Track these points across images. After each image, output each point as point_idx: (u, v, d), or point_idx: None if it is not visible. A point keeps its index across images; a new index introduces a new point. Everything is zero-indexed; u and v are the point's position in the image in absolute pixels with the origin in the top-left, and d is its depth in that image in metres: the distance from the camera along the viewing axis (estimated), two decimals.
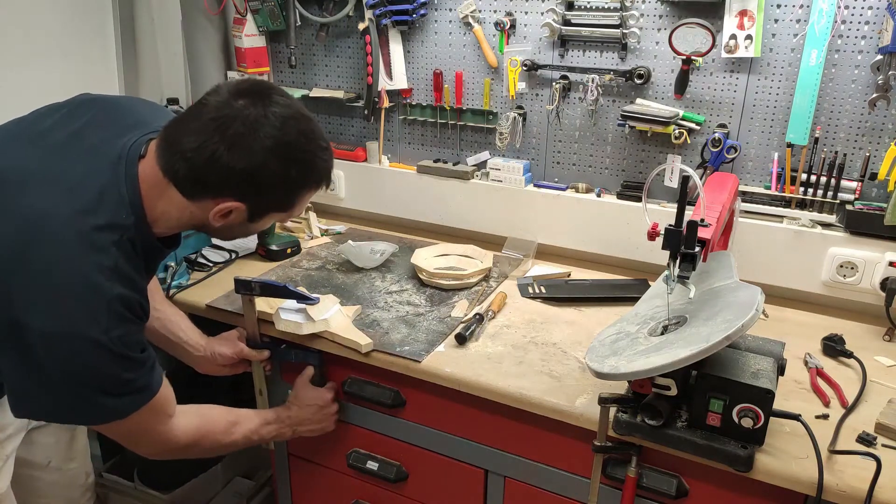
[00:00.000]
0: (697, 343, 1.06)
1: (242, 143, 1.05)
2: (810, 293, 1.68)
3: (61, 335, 1.02)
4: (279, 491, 1.82)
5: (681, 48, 1.62)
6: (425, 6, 1.93)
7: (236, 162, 1.06)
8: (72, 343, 1.02)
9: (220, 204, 1.10)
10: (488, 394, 1.34)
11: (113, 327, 1.05)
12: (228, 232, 1.23)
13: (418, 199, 2.09)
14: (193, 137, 1.06)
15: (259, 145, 1.06)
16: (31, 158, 1.10)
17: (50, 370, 1.04)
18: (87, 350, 1.03)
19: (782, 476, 1.11)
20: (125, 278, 1.07)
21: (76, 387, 1.06)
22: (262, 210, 1.16)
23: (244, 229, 1.21)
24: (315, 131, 1.14)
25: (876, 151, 1.57)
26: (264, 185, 1.10)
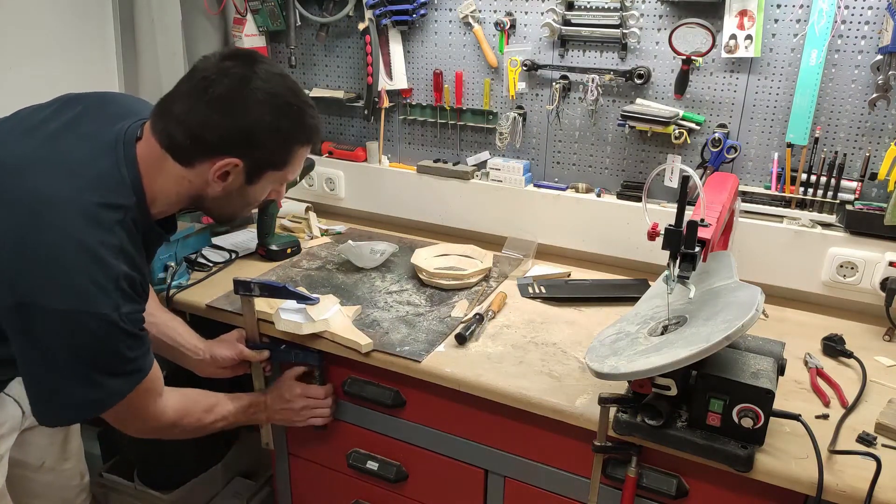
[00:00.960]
0: (697, 343, 1.06)
1: (234, 98, 1.09)
2: (810, 293, 1.68)
3: (73, 312, 1.02)
4: (279, 491, 1.82)
5: (681, 48, 1.62)
6: (425, 6, 1.93)
7: (229, 116, 1.09)
8: (83, 319, 1.03)
9: (217, 163, 1.11)
10: (488, 394, 1.34)
11: (122, 304, 1.06)
12: (227, 202, 1.21)
13: (418, 199, 2.09)
14: (185, 101, 1.09)
15: (251, 98, 1.09)
16: (28, 147, 1.11)
17: (58, 352, 1.05)
18: (98, 326, 1.04)
19: (782, 476, 1.11)
20: (129, 257, 1.09)
21: (83, 368, 1.07)
22: (258, 167, 1.16)
23: (243, 198, 1.21)
24: (300, 89, 1.18)
25: (876, 151, 1.57)
26: (258, 138, 1.12)
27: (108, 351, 1.08)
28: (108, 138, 1.12)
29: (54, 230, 1.03)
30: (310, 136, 1.20)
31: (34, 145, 1.11)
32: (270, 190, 1.25)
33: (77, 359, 1.06)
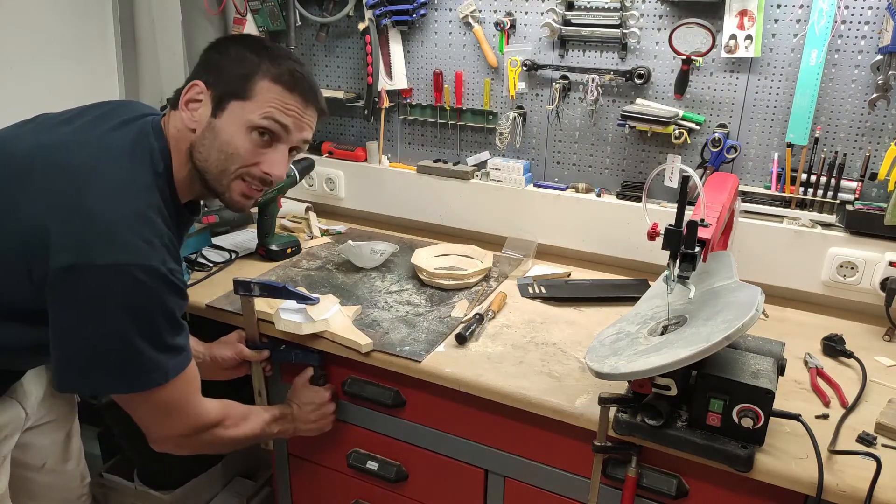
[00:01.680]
0: (697, 343, 1.06)
1: (220, 41, 1.23)
2: (810, 293, 1.68)
3: (123, 265, 1.04)
4: (279, 491, 1.82)
5: (681, 48, 1.62)
6: (425, 6, 1.93)
7: (205, 52, 1.21)
8: (133, 272, 1.04)
9: (188, 92, 1.18)
10: (488, 394, 1.34)
11: (168, 260, 1.08)
12: (204, 147, 1.18)
13: (418, 199, 2.09)
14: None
15: (231, 38, 1.23)
16: (67, 133, 1.16)
17: (105, 311, 1.05)
18: (148, 277, 1.05)
19: (782, 476, 1.11)
20: (167, 221, 1.13)
21: (129, 329, 1.06)
22: (221, 96, 1.17)
23: (215, 137, 1.17)
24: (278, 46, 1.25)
25: (876, 151, 1.57)
26: (222, 63, 1.18)
27: (157, 308, 1.08)
28: (137, 122, 1.19)
29: (105, 194, 1.07)
30: (280, 73, 1.18)
31: (72, 131, 1.16)
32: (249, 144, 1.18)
33: (124, 316, 1.05)
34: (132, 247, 1.05)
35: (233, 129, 1.17)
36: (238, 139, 1.17)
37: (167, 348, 1.12)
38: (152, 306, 1.08)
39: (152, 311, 1.08)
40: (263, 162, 1.20)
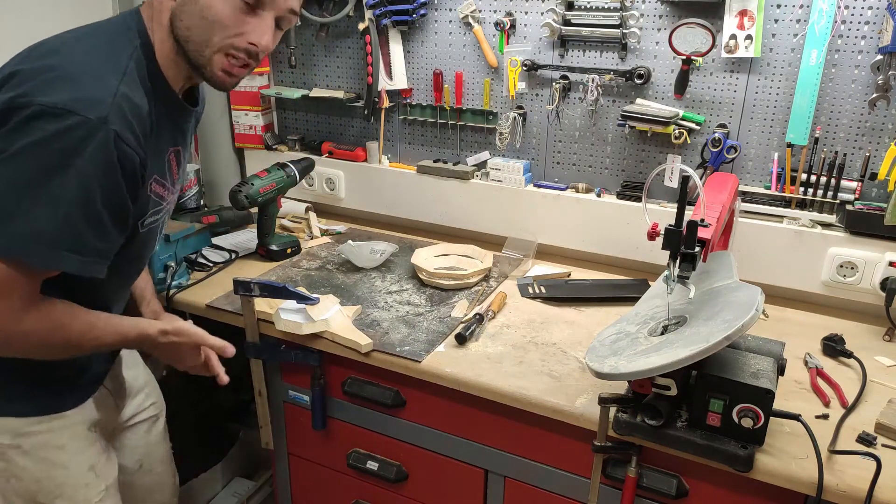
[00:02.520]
0: (697, 343, 1.06)
1: None
2: (810, 293, 1.68)
3: (60, 109, 0.95)
4: (279, 491, 1.82)
5: (681, 48, 1.62)
6: (425, 6, 1.93)
7: None
8: (68, 120, 0.95)
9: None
10: (488, 394, 1.34)
11: (114, 120, 0.99)
12: (185, 14, 1.09)
13: (418, 199, 2.09)
14: None
15: None
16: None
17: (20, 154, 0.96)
18: (83, 133, 0.96)
19: (782, 476, 1.11)
20: (134, 86, 1.05)
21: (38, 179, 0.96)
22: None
23: (194, 3, 1.08)
24: None
25: (876, 151, 1.57)
26: None
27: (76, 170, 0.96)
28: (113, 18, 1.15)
29: (75, 56, 1.03)
30: None
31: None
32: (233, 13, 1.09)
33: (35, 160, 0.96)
34: (84, 98, 0.97)
35: (213, 5, 1.09)
36: (219, 4, 1.08)
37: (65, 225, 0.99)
38: (72, 166, 0.96)
39: (69, 169, 0.97)
40: (248, 31, 1.10)
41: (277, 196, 1.87)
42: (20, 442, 1.19)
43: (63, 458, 1.24)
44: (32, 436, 1.20)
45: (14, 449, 1.19)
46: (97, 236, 1.03)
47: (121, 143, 1.00)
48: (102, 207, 1.02)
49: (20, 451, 1.20)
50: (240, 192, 1.79)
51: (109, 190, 1.02)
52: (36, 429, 1.21)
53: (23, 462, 1.20)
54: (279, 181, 1.85)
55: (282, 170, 1.87)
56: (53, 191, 0.97)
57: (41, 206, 0.97)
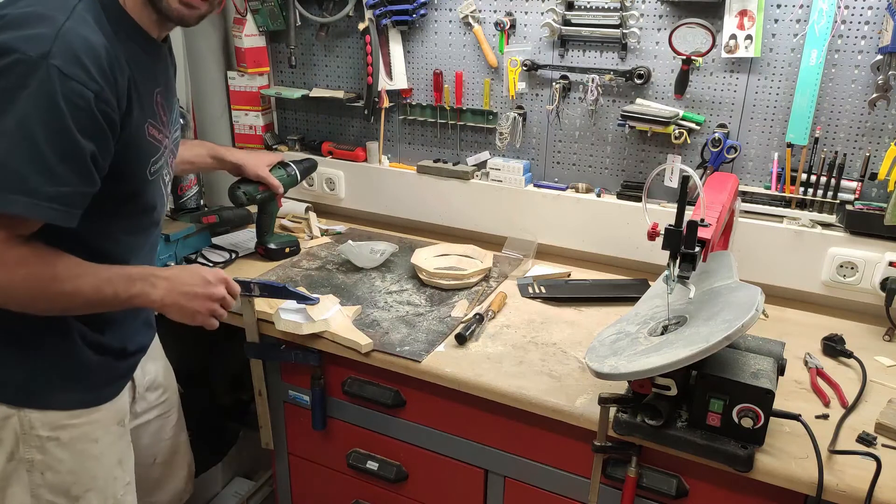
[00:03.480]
0: (697, 343, 1.06)
1: None
2: (810, 293, 1.68)
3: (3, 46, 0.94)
4: (279, 491, 1.82)
5: (681, 48, 1.62)
6: (425, 6, 1.93)
7: None
8: (2, 57, 0.94)
9: None
10: (488, 394, 1.34)
11: (57, 54, 0.95)
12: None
13: (418, 199, 2.09)
14: None
15: None
16: None
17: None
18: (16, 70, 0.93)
19: (782, 476, 1.11)
20: (85, 24, 1.01)
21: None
22: None
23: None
24: None
25: (876, 151, 1.57)
26: None
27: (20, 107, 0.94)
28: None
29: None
30: None
31: None
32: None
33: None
34: (25, 36, 0.95)
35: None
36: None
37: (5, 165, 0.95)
38: (11, 104, 0.94)
39: (7, 108, 0.94)
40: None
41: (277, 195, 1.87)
42: (59, 434, 1.21)
43: (97, 451, 1.26)
44: (71, 428, 1.22)
45: (52, 441, 1.21)
46: (46, 180, 0.98)
47: (66, 80, 0.96)
48: (47, 147, 0.97)
49: (58, 444, 1.22)
50: (238, 188, 1.78)
51: (52, 129, 0.97)
52: (75, 422, 1.23)
53: (60, 454, 1.22)
54: (279, 179, 1.84)
55: (283, 169, 1.87)
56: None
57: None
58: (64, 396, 1.21)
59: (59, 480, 1.23)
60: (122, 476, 1.33)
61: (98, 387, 1.26)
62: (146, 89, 1.15)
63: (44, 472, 1.22)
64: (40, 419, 1.19)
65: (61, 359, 1.20)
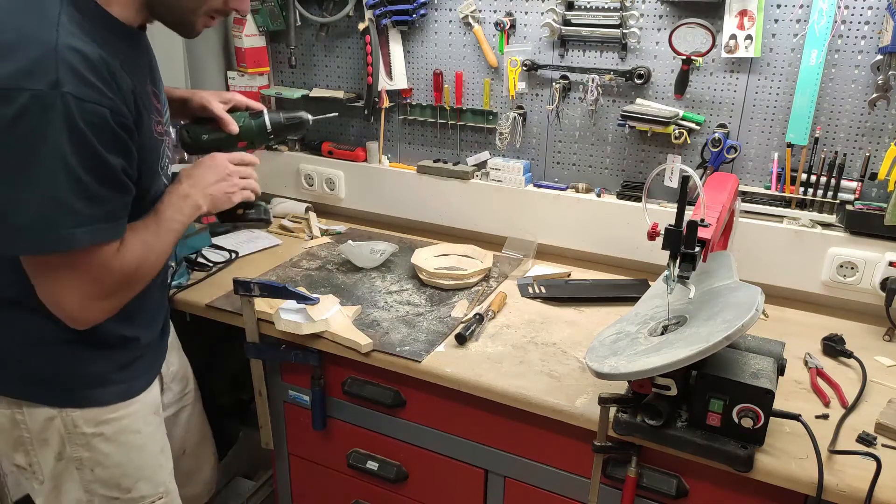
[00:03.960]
0: (697, 343, 1.06)
1: None
2: (810, 293, 1.68)
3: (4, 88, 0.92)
4: (279, 491, 1.82)
5: (681, 48, 1.62)
6: (425, 6, 1.93)
7: None
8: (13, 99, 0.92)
9: None
10: (488, 394, 1.34)
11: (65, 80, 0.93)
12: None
13: (418, 199, 2.09)
14: None
15: None
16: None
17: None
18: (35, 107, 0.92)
19: (782, 476, 1.11)
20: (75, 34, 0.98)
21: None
22: None
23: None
24: None
25: (876, 151, 1.57)
26: None
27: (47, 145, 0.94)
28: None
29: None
30: None
31: None
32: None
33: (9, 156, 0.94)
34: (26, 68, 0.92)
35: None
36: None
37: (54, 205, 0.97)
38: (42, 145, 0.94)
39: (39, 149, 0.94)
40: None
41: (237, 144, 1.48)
42: (102, 429, 1.24)
43: (140, 441, 1.30)
44: (113, 422, 1.25)
45: (97, 437, 1.24)
46: (92, 204, 1.01)
47: (81, 104, 0.96)
48: (86, 175, 0.99)
49: (103, 438, 1.25)
50: (184, 128, 1.45)
51: (85, 156, 0.98)
52: (115, 415, 1.25)
53: (106, 449, 1.25)
54: (237, 121, 1.44)
55: (251, 118, 1.46)
56: (32, 176, 0.95)
57: (27, 195, 0.96)
58: (101, 392, 1.24)
59: (109, 475, 1.26)
60: (166, 464, 1.36)
61: (131, 379, 1.29)
62: (142, 87, 1.15)
63: (93, 468, 1.25)
64: (82, 417, 1.22)
65: (94, 357, 1.22)
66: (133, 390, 1.29)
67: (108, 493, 1.27)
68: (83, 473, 1.25)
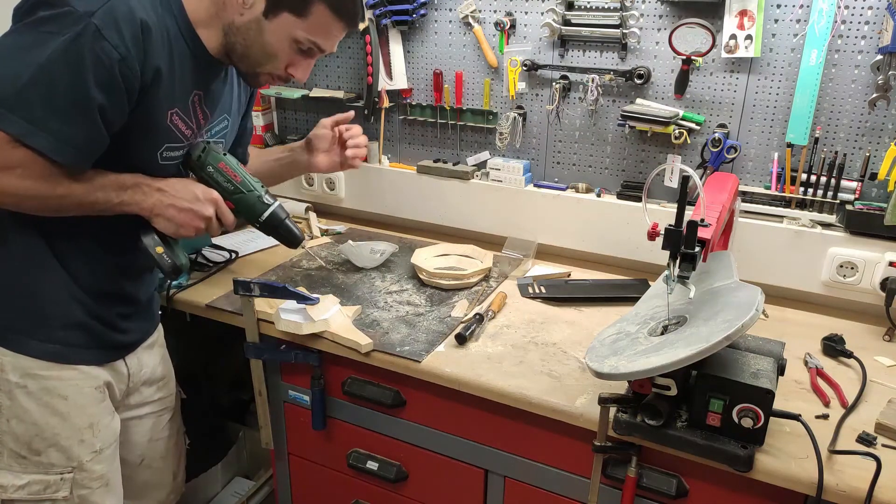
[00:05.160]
0: (697, 343, 1.06)
1: None
2: (810, 293, 1.68)
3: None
4: (279, 491, 1.82)
5: (681, 48, 1.62)
6: (425, 6, 1.93)
7: None
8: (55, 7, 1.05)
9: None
10: (488, 394, 1.34)
11: (100, 16, 1.05)
12: (247, 38, 1.22)
13: (418, 199, 2.09)
14: None
15: None
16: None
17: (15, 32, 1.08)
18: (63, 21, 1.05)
19: (782, 476, 1.11)
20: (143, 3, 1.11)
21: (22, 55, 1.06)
22: (279, 2, 1.20)
23: (260, 35, 1.22)
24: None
25: (876, 151, 1.57)
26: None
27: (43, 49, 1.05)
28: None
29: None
30: (337, 4, 1.23)
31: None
32: (289, 52, 1.25)
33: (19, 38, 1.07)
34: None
35: (279, 37, 1.23)
36: (281, 48, 1.25)
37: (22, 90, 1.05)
38: (47, 46, 1.05)
39: (43, 48, 1.05)
40: (294, 67, 1.30)
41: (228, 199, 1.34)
42: (27, 382, 1.25)
43: (64, 409, 1.28)
44: (39, 379, 1.25)
45: (20, 388, 1.25)
46: (52, 114, 1.07)
47: (99, 38, 1.06)
48: (62, 90, 1.07)
49: (25, 392, 1.25)
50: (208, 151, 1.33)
51: (72, 77, 1.06)
52: (44, 373, 1.26)
53: (26, 403, 1.25)
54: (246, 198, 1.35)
55: (261, 201, 1.36)
56: (22, 62, 1.05)
57: (6, 71, 1.06)
58: (38, 344, 1.25)
59: (24, 430, 1.26)
60: (92, 441, 1.33)
61: (75, 346, 1.28)
62: (183, 84, 1.22)
63: (10, 419, 1.26)
64: (11, 363, 1.23)
65: (47, 306, 1.24)
66: (70, 356, 1.28)
67: (16, 450, 1.27)
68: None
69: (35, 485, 1.28)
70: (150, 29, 1.12)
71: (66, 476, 1.30)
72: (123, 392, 1.41)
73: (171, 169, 1.28)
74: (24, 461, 1.27)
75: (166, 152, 1.25)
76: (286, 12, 1.21)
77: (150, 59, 1.13)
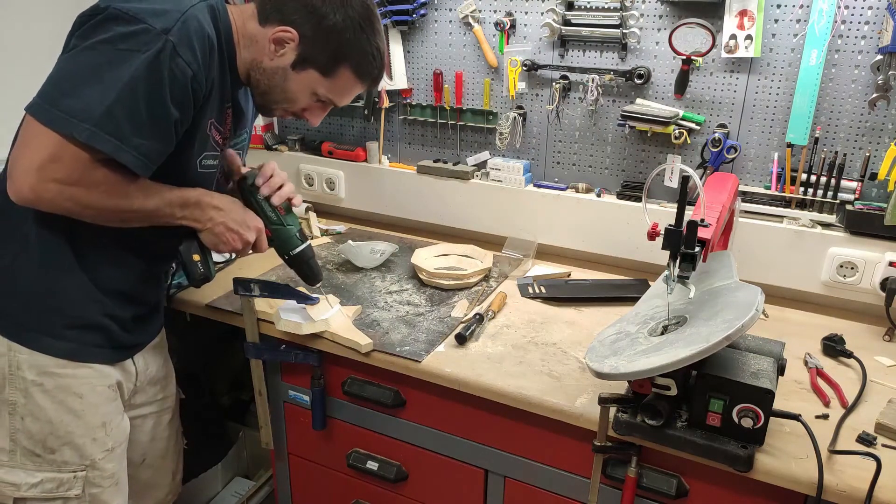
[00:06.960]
0: (697, 343, 1.06)
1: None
2: (810, 293, 1.68)
3: (129, 14, 1.08)
4: (279, 491, 1.82)
5: (681, 48, 1.62)
6: (425, 6, 1.93)
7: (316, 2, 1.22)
8: (130, 24, 1.08)
9: (279, 29, 1.22)
10: (488, 394, 1.34)
11: (175, 34, 1.09)
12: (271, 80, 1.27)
13: (418, 199, 2.09)
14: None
15: (338, 3, 1.23)
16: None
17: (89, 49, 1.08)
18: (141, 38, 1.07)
19: (782, 476, 1.11)
20: (205, 16, 1.16)
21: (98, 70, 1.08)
22: (306, 58, 1.24)
23: (285, 82, 1.27)
24: (379, 41, 1.30)
25: (876, 151, 1.57)
26: (322, 29, 1.23)
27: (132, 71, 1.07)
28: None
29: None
30: (362, 71, 1.29)
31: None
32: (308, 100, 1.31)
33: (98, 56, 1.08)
34: (154, 11, 1.09)
35: (302, 88, 1.28)
36: (302, 97, 1.30)
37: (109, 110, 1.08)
38: (127, 64, 1.08)
39: (123, 66, 1.08)
40: (309, 113, 1.35)
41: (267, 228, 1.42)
42: (43, 380, 1.25)
43: (79, 407, 1.29)
44: (55, 377, 1.26)
45: (36, 386, 1.25)
46: (135, 131, 1.10)
47: (175, 56, 1.10)
48: (144, 107, 1.10)
49: (41, 390, 1.25)
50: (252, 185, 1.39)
51: (153, 94, 1.10)
52: (60, 371, 1.26)
53: (42, 401, 1.26)
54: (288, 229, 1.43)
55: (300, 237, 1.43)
56: (106, 81, 1.07)
57: (93, 91, 1.07)
58: (54, 342, 1.25)
59: (38, 429, 1.27)
60: (104, 440, 1.34)
61: (90, 344, 1.29)
62: (220, 96, 1.26)
63: (24, 416, 1.26)
64: (28, 361, 1.23)
65: (65, 306, 1.25)
66: (85, 355, 1.28)
67: (30, 448, 1.27)
68: (13, 420, 1.25)
69: (48, 483, 1.29)
70: (213, 44, 1.17)
71: (78, 474, 1.31)
72: (131, 391, 1.42)
73: (209, 178, 1.31)
74: (38, 459, 1.28)
75: (205, 160, 1.28)
76: (313, 69, 1.26)
77: (210, 73, 1.18)
